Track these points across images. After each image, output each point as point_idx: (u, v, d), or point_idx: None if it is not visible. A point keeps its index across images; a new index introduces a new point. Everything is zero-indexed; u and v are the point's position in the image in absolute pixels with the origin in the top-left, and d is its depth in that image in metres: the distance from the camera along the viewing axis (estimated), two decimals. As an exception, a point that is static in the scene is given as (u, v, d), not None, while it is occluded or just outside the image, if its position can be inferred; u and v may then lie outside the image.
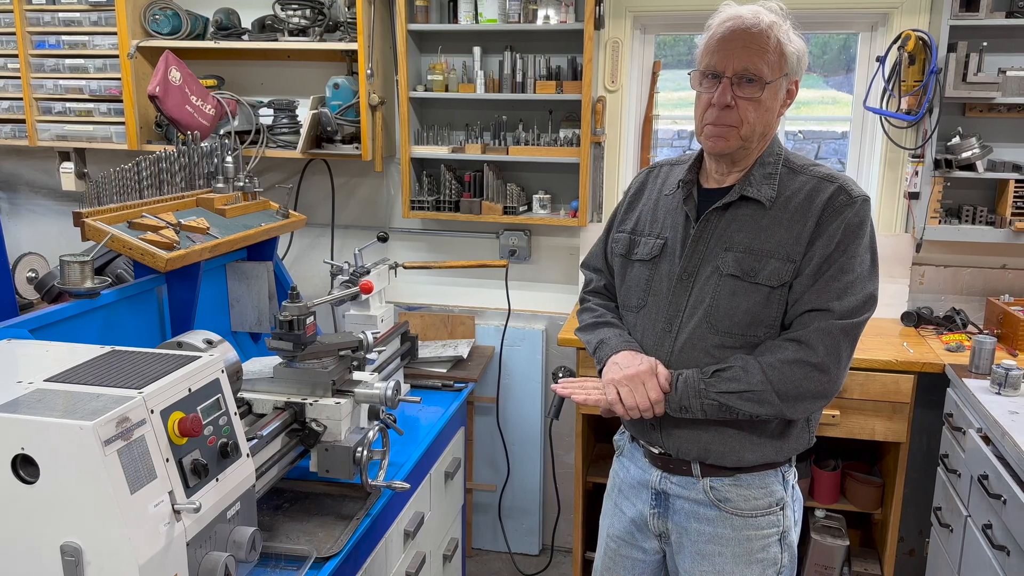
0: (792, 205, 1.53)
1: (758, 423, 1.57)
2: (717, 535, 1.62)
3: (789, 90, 1.56)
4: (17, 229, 3.66)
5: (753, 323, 1.53)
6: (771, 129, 1.57)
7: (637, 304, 1.67)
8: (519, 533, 3.42)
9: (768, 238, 1.53)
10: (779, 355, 1.50)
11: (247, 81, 3.31)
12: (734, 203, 1.56)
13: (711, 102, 1.51)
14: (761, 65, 1.48)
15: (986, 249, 2.92)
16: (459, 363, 2.97)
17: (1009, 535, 1.91)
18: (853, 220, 1.50)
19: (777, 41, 1.49)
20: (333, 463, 1.78)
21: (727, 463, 1.60)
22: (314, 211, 3.35)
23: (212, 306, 2.35)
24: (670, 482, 1.66)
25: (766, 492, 1.62)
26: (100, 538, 1.14)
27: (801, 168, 1.58)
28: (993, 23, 2.64)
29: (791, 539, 1.66)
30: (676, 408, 1.55)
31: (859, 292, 1.50)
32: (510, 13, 2.92)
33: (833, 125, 3.80)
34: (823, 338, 1.48)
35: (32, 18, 3.15)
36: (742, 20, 1.49)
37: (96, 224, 1.94)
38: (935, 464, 2.56)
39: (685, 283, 1.59)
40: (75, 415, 1.13)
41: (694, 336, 1.57)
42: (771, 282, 1.51)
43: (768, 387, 1.48)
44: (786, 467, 1.65)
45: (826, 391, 1.50)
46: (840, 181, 1.54)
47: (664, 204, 1.68)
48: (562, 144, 2.99)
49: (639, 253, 1.67)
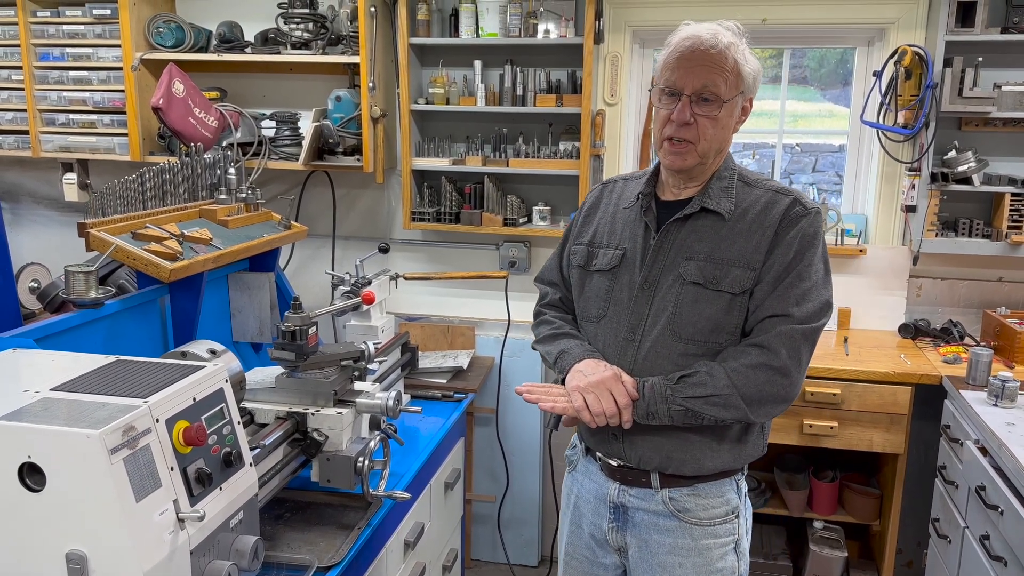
0: (749, 216, 1.58)
1: (719, 430, 1.60)
2: (677, 546, 1.64)
3: (744, 107, 1.61)
4: (19, 240, 3.67)
5: (715, 330, 1.57)
6: (727, 145, 1.63)
7: (597, 314, 1.69)
8: (518, 544, 3.42)
9: (729, 247, 1.57)
10: (743, 360, 1.53)
11: (250, 93, 3.33)
12: (694, 215, 1.61)
13: (670, 118, 1.55)
14: (719, 84, 1.52)
15: (982, 262, 2.94)
16: (459, 374, 2.98)
17: (1007, 546, 1.91)
18: (808, 230, 1.56)
19: (734, 61, 1.53)
20: (335, 473, 1.79)
21: (687, 471, 1.62)
22: (315, 222, 3.37)
23: (214, 316, 2.36)
24: (628, 495, 1.67)
25: (723, 500, 1.65)
26: (105, 546, 1.15)
27: (755, 182, 1.64)
28: (988, 39, 2.68)
29: (744, 547, 1.69)
30: (643, 415, 1.56)
31: (816, 298, 1.54)
32: (511, 27, 2.95)
33: (830, 138, 3.82)
34: (784, 342, 1.51)
35: (36, 30, 3.17)
36: (701, 40, 1.53)
37: (100, 234, 1.96)
38: (933, 475, 2.57)
39: (647, 292, 1.62)
40: (81, 424, 1.14)
41: (657, 344, 1.59)
42: (733, 289, 1.55)
43: (733, 391, 1.51)
44: (739, 476, 1.69)
45: (788, 394, 1.54)
46: (794, 194, 1.60)
47: (622, 217, 1.72)
48: (562, 156, 3.02)
49: (598, 264, 1.70)
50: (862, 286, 3.05)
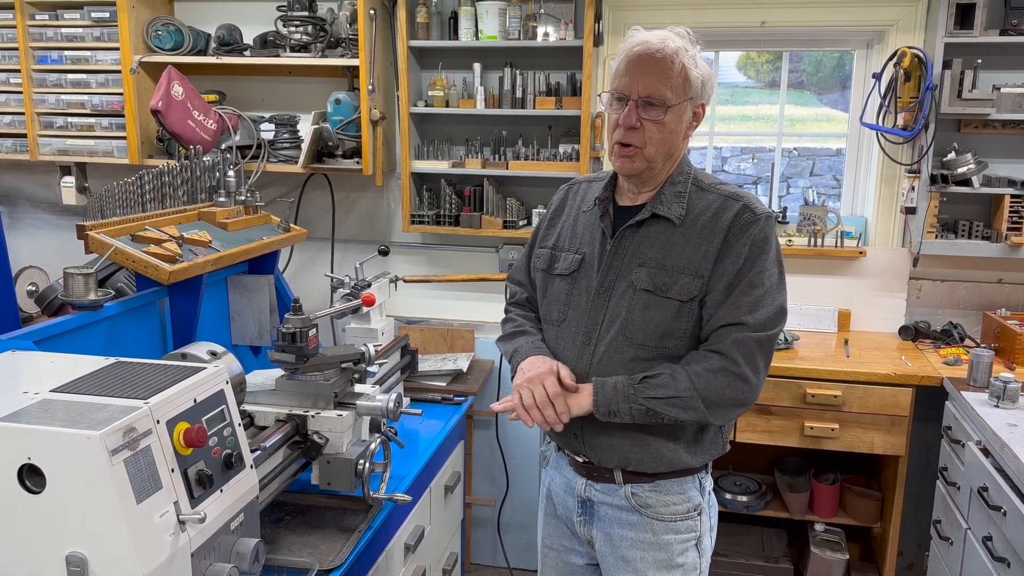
0: (700, 223, 1.59)
1: (674, 430, 1.62)
2: (639, 540, 1.67)
3: (696, 113, 1.62)
4: (17, 243, 3.66)
5: (665, 335, 1.58)
6: (677, 150, 1.63)
7: (558, 318, 1.71)
8: (518, 548, 3.41)
9: (678, 255, 1.59)
10: (704, 364, 1.55)
11: (249, 96, 3.33)
12: (646, 220, 1.62)
13: (618, 122, 1.57)
14: (664, 89, 1.54)
15: (982, 264, 2.94)
16: (459, 376, 2.97)
17: (1009, 547, 1.91)
18: (758, 236, 1.56)
19: (682, 66, 1.55)
20: (335, 475, 1.78)
21: (646, 469, 1.64)
22: (315, 225, 3.36)
23: (213, 319, 2.35)
24: (594, 489, 1.70)
25: (684, 498, 1.67)
26: (105, 548, 1.14)
27: (709, 187, 1.64)
28: (987, 40, 2.68)
29: (705, 544, 1.72)
30: (605, 412, 1.58)
31: (770, 305, 1.55)
32: (510, 30, 2.95)
33: (827, 142, 3.83)
34: (740, 349, 1.53)
35: (35, 33, 3.17)
36: (648, 45, 1.55)
37: (100, 237, 1.95)
38: (934, 477, 2.57)
39: (602, 297, 1.64)
40: (82, 425, 1.14)
41: (611, 348, 1.62)
42: (681, 296, 1.57)
43: (694, 394, 1.53)
44: (703, 474, 1.71)
45: (746, 399, 1.56)
46: (745, 200, 1.59)
47: (583, 220, 1.73)
48: (561, 159, 3.02)
49: (559, 268, 1.72)
50: (862, 288, 3.05)
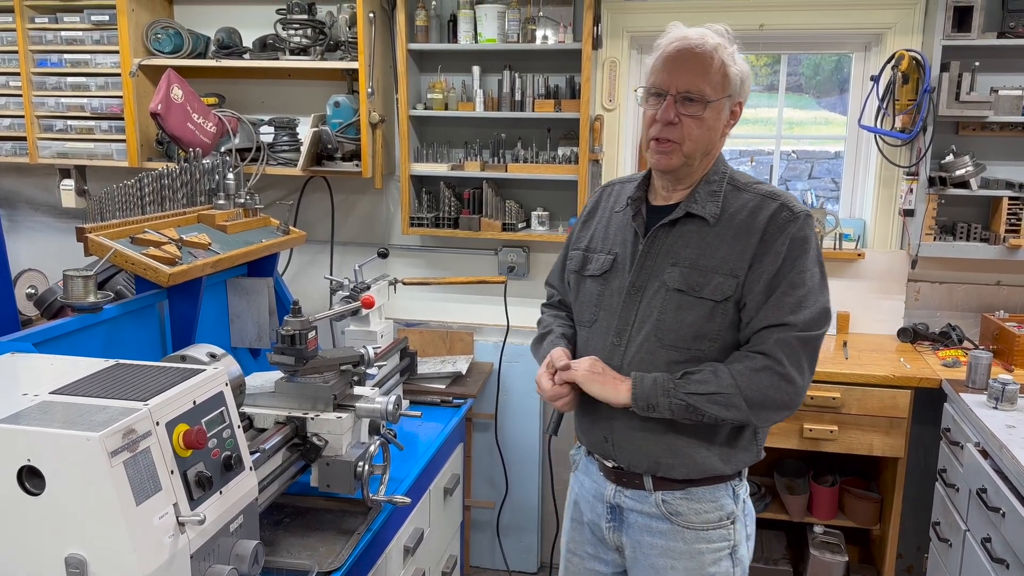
0: (736, 222, 1.57)
1: (707, 436, 1.59)
2: (669, 548, 1.64)
3: (733, 111, 1.60)
4: (16, 246, 3.65)
5: (698, 336, 1.56)
6: (714, 148, 1.61)
7: (590, 319, 1.70)
8: (517, 551, 3.41)
9: (712, 254, 1.56)
10: (748, 363, 1.52)
11: (248, 99, 3.33)
12: (680, 220, 1.60)
13: (655, 118, 1.55)
14: (704, 85, 1.52)
15: (980, 266, 2.95)
16: (458, 379, 2.97)
17: (1008, 548, 1.91)
18: (797, 235, 1.54)
19: (721, 63, 1.54)
20: (334, 477, 1.78)
21: (677, 475, 1.61)
22: (314, 228, 3.36)
23: (213, 322, 2.36)
24: (624, 496, 1.68)
25: (716, 506, 1.63)
26: (105, 550, 1.14)
27: (745, 186, 1.62)
28: (985, 43, 2.69)
29: (741, 553, 1.68)
30: (643, 406, 1.56)
31: (813, 305, 1.53)
32: (509, 33, 2.95)
33: (826, 145, 3.83)
34: (784, 349, 1.51)
35: (34, 36, 3.17)
36: (688, 40, 1.54)
37: (99, 239, 1.95)
38: (933, 479, 2.57)
39: (634, 297, 1.62)
40: (81, 426, 1.14)
41: (642, 349, 1.60)
42: (715, 296, 1.55)
43: (737, 392, 1.51)
44: (736, 481, 1.67)
45: (791, 402, 1.53)
46: (782, 199, 1.58)
47: (615, 221, 1.72)
48: (560, 162, 3.02)
49: (591, 269, 1.71)
50: (861, 290, 3.05)
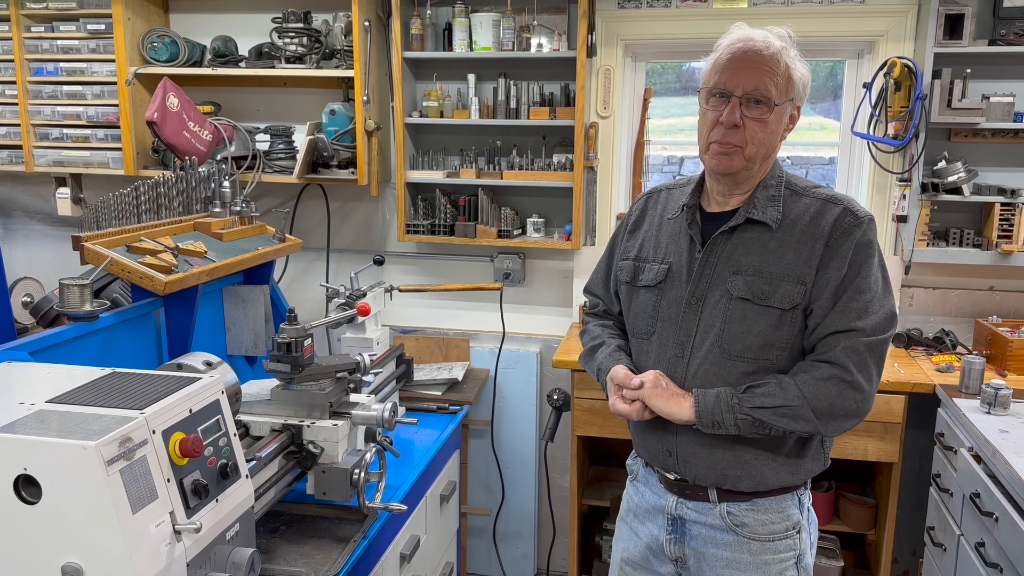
0: (799, 227, 1.54)
1: (774, 446, 1.57)
2: (735, 560, 1.61)
3: (792, 115, 1.57)
4: (12, 254, 3.66)
5: (765, 346, 1.53)
6: (774, 152, 1.58)
7: (646, 331, 1.66)
8: (514, 558, 3.40)
9: (777, 261, 1.53)
10: (814, 373, 1.50)
11: (244, 107, 3.34)
12: (740, 226, 1.56)
13: (719, 120, 1.51)
14: (771, 87, 1.49)
15: (973, 271, 2.96)
16: (454, 386, 2.98)
17: (1002, 552, 1.92)
18: (862, 240, 1.51)
19: (786, 65, 1.51)
20: (330, 485, 1.78)
21: (744, 487, 1.59)
22: (310, 235, 3.37)
23: (208, 329, 2.36)
24: (686, 507, 1.65)
25: (783, 516, 1.61)
26: (101, 558, 1.14)
27: (804, 190, 1.59)
28: (976, 50, 2.71)
29: (807, 562, 1.65)
30: (708, 424, 1.53)
31: (880, 310, 1.51)
32: (504, 41, 2.97)
33: (820, 151, 3.85)
34: (852, 356, 1.48)
35: (31, 45, 3.18)
36: (754, 42, 1.51)
37: (95, 248, 1.96)
38: (927, 484, 2.58)
39: (694, 307, 1.58)
40: (78, 435, 1.14)
41: (707, 360, 1.56)
42: (783, 305, 1.51)
43: (804, 403, 1.48)
44: (802, 490, 1.65)
45: (860, 409, 1.51)
46: (845, 203, 1.55)
47: (667, 229, 1.68)
48: (555, 169, 3.03)
49: (644, 279, 1.67)
50: (855, 296, 3.06)
